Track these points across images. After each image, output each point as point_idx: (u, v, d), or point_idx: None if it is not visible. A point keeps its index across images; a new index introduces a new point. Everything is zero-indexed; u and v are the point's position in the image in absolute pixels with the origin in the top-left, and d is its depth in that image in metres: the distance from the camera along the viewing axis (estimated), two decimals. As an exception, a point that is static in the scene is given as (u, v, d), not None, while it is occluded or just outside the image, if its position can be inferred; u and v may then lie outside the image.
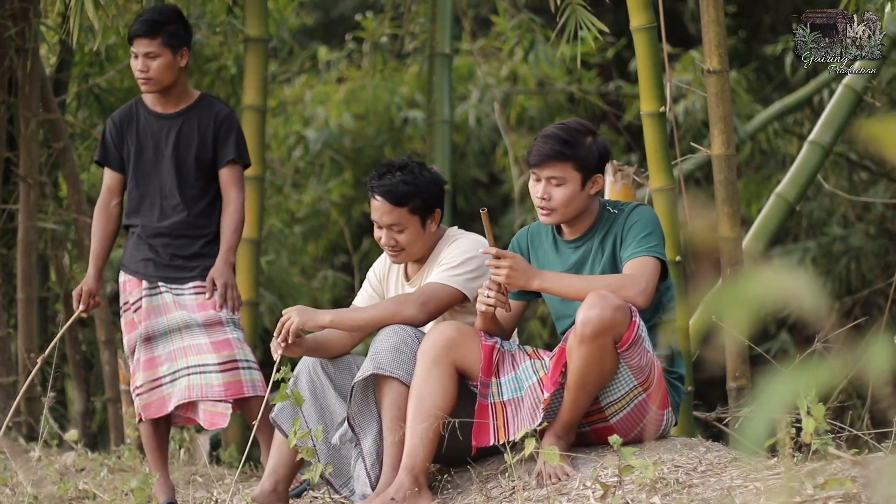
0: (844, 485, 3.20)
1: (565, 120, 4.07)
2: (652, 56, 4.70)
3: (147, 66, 4.59)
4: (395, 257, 4.21)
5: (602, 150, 3.94)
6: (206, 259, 4.65)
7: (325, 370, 4.22)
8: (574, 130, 3.92)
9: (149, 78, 4.61)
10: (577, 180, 3.90)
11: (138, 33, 4.59)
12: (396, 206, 4.12)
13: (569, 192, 3.91)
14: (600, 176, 3.94)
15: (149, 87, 4.63)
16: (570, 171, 3.90)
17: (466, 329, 3.97)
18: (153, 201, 4.68)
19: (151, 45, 4.58)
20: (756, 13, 10.91)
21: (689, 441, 4.06)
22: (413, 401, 3.90)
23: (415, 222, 4.14)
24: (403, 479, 3.84)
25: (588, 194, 3.94)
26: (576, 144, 3.90)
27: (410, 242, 4.16)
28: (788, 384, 1.21)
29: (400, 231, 4.14)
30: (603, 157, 3.95)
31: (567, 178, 3.90)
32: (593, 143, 3.93)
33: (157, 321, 4.61)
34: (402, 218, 4.13)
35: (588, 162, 3.90)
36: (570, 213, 3.94)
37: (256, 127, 5.54)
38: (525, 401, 3.91)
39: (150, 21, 4.60)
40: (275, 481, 4.22)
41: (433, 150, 6.16)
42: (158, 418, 4.62)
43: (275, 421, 4.21)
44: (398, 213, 4.12)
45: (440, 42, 6.16)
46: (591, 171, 3.91)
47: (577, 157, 3.90)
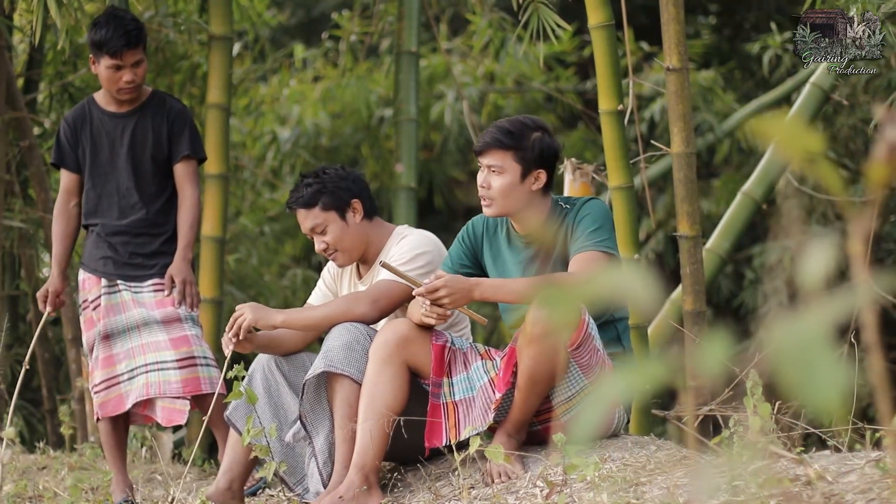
0: (783, 483, 3.20)
1: (519, 115, 4.07)
2: (610, 54, 4.70)
3: (135, 74, 4.61)
4: (336, 260, 4.24)
5: (546, 148, 3.92)
6: (166, 257, 4.65)
7: (279, 368, 4.23)
8: (522, 124, 3.93)
9: (137, 85, 4.64)
10: (517, 172, 3.89)
11: (128, 45, 4.57)
12: (308, 208, 4.19)
13: (506, 182, 3.90)
14: (543, 172, 3.92)
15: (133, 94, 4.65)
16: (509, 161, 3.90)
17: (418, 327, 3.96)
18: (111, 201, 4.67)
19: (137, 53, 4.61)
20: (739, 12, 10.90)
21: (640, 439, 4.06)
22: (364, 399, 3.90)
23: (333, 218, 4.19)
24: (353, 478, 3.84)
25: (529, 189, 3.92)
26: (519, 136, 3.90)
27: (338, 239, 4.19)
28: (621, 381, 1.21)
29: (322, 232, 4.19)
30: (546, 155, 3.92)
31: (506, 168, 3.90)
32: (539, 139, 3.92)
33: (115, 319, 4.61)
34: (318, 218, 4.19)
35: (528, 155, 3.89)
36: (510, 205, 3.93)
37: (221, 125, 5.53)
38: (477, 401, 3.91)
39: (135, 31, 4.60)
40: (230, 479, 4.22)
41: (399, 148, 6.15)
42: (117, 416, 4.62)
43: (229, 419, 4.21)
44: (312, 214, 4.19)
45: (407, 40, 6.15)
46: (531, 164, 3.90)
47: (518, 147, 3.89)
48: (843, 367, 1.15)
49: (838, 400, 1.16)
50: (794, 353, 1.17)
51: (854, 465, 3.33)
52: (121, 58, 4.58)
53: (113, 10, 4.73)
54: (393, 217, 6.08)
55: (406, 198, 6.11)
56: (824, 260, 1.26)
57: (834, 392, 1.15)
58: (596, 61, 4.73)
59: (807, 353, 1.17)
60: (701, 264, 4.79)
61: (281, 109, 8.11)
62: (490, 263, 4.07)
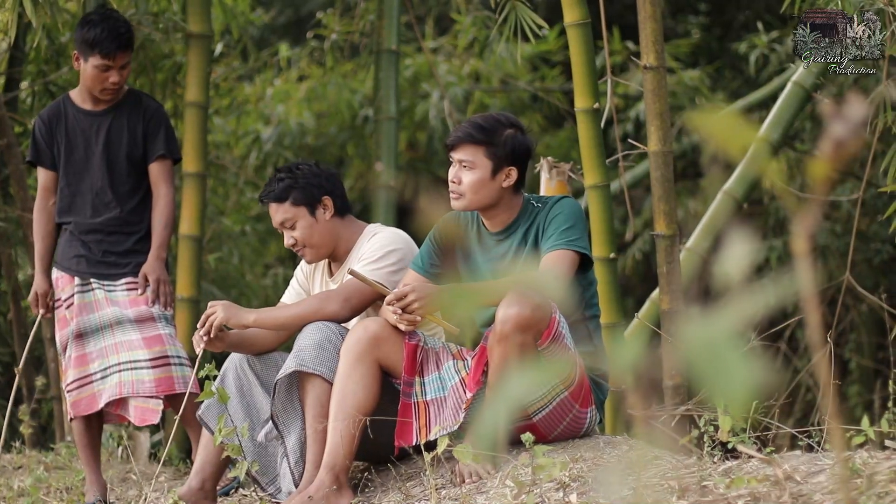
0: (750, 483, 3.18)
1: (499, 112, 4.06)
2: (586, 52, 4.68)
3: (122, 76, 4.62)
4: (305, 256, 4.22)
5: (518, 145, 3.91)
6: (139, 255, 4.63)
7: (252, 367, 4.21)
8: (495, 120, 3.91)
9: (121, 87, 4.65)
10: (488, 168, 3.88)
11: (120, 48, 4.58)
12: (279, 202, 4.18)
13: (476, 177, 3.88)
14: (514, 170, 3.91)
15: (116, 94, 4.64)
16: (480, 156, 3.88)
17: (390, 326, 3.94)
18: (85, 199, 4.66)
19: (127, 55, 4.62)
20: (729, 11, 10.88)
21: (612, 439, 4.04)
22: (335, 398, 3.88)
23: (303, 213, 4.18)
24: (324, 477, 3.82)
25: (499, 186, 3.90)
26: (491, 132, 3.88)
27: (307, 235, 4.18)
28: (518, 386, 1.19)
29: (292, 227, 4.19)
30: (518, 152, 3.91)
31: (477, 163, 3.88)
32: (511, 136, 3.90)
33: (88, 318, 4.59)
34: (288, 212, 4.18)
35: (500, 151, 3.88)
36: (479, 200, 3.91)
37: (199, 124, 5.51)
38: (448, 401, 3.89)
39: (125, 34, 4.61)
40: (202, 479, 4.20)
41: (379, 147, 6.14)
42: (90, 415, 4.60)
43: (202, 418, 4.20)
44: (283, 208, 4.18)
45: (387, 39, 6.14)
46: (502, 161, 3.89)
47: (490, 143, 3.87)
48: (751, 364, 1.14)
49: (746, 396, 1.14)
50: (704, 351, 1.15)
51: (824, 465, 3.31)
52: (112, 59, 4.58)
53: (105, 11, 4.73)
54: (372, 215, 6.07)
55: (385, 196, 6.10)
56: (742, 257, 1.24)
57: (742, 388, 1.13)
58: (572, 59, 4.72)
59: (716, 350, 1.16)
60: (678, 263, 4.77)
61: (265, 109, 8.09)
62: (461, 262, 4.05)
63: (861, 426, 3.42)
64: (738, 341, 1.16)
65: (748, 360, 1.13)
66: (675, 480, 3.52)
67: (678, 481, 3.49)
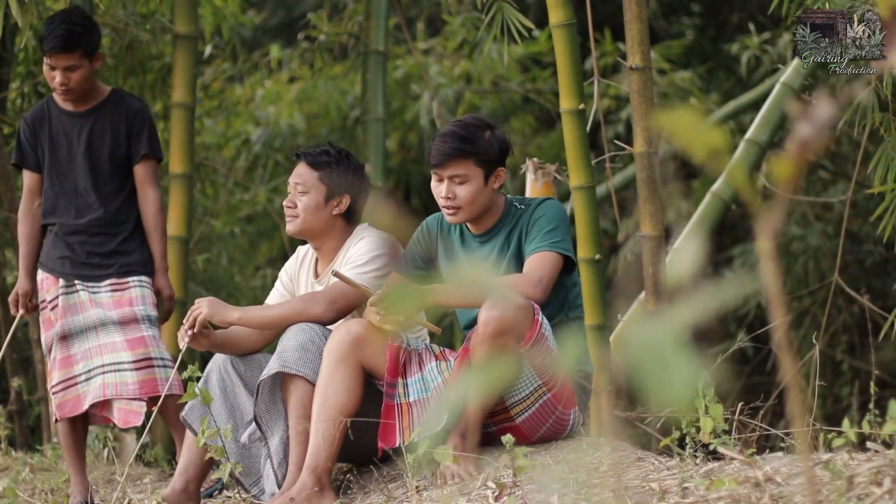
0: (730, 485, 3.18)
1: (462, 117, 4.05)
2: (571, 53, 4.67)
3: (68, 78, 4.57)
4: (288, 224, 4.23)
5: (501, 143, 3.92)
6: (123, 256, 4.62)
7: (235, 368, 4.21)
8: (471, 126, 3.91)
9: (70, 89, 4.60)
10: (480, 176, 3.89)
11: (56, 49, 4.52)
12: (311, 168, 4.22)
13: (472, 188, 3.89)
14: (503, 169, 3.93)
15: (70, 97, 4.62)
16: (471, 167, 3.89)
17: (373, 328, 3.94)
18: (69, 200, 4.65)
19: (72, 58, 4.55)
20: (723, 12, 10.87)
21: (595, 440, 4.03)
22: (318, 399, 3.88)
23: (319, 193, 4.20)
24: (306, 479, 3.82)
25: (492, 189, 3.92)
26: (475, 140, 3.88)
27: (308, 210, 4.20)
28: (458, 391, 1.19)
29: (303, 192, 4.20)
30: (503, 150, 3.93)
31: (470, 175, 3.89)
32: (492, 137, 3.91)
33: (73, 319, 4.58)
34: (310, 181, 4.21)
35: (489, 156, 3.89)
36: (476, 209, 3.92)
37: (185, 124, 5.51)
38: (431, 402, 3.89)
39: (70, 35, 4.52)
40: (185, 480, 4.20)
41: (367, 148, 6.14)
42: (75, 417, 4.59)
43: (185, 420, 4.19)
44: (308, 173, 4.21)
45: (374, 39, 6.13)
46: (492, 165, 3.90)
47: (478, 152, 3.87)
48: (693, 366, 1.13)
49: (686, 397, 1.13)
50: (647, 353, 1.15)
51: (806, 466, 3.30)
52: (52, 59, 4.55)
53: (70, 10, 4.69)
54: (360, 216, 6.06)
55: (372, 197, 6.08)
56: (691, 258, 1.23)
57: (683, 390, 1.13)
58: (557, 60, 4.71)
59: (658, 352, 1.15)
60: (664, 264, 4.76)
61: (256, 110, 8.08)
62: (444, 263, 4.05)
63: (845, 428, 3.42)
64: (681, 342, 1.16)
65: (689, 361, 1.12)
66: (657, 482, 3.52)
67: (659, 483, 3.49)
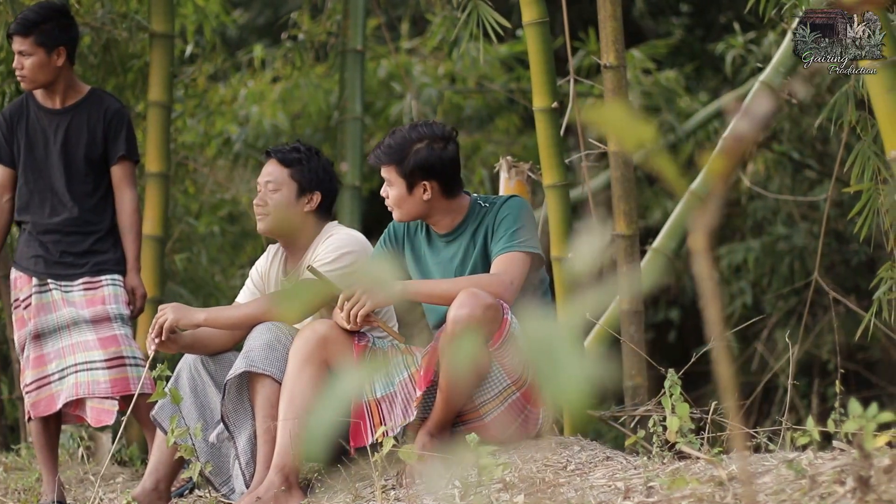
0: (692, 484, 3.17)
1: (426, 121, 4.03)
2: (544, 51, 4.66)
3: (21, 63, 4.58)
4: (259, 222, 4.22)
5: (425, 160, 3.88)
6: (97, 255, 4.61)
7: (205, 367, 4.21)
8: (404, 138, 3.92)
9: (23, 76, 4.61)
10: (403, 185, 3.91)
11: (11, 31, 4.59)
12: (282, 165, 4.21)
13: (396, 194, 3.93)
14: (430, 184, 3.90)
15: (24, 84, 4.64)
16: (394, 175, 3.93)
17: (340, 328, 3.93)
18: (43, 198, 4.64)
19: (24, 43, 4.56)
20: (711, 12, 10.87)
21: (564, 440, 4.03)
22: (284, 399, 3.87)
23: (290, 190, 4.19)
24: (273, 478, 3.82)
25: (420, 199, 3.91)
26: (399, 151, 3.90)
27: (277, 211, 4.19)
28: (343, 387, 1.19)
29: (273, 191, 4.19)
30: (426, 167, 3.89)
31: (393, 181, 3.94)
32: (418, 151, 3.89)
33: (46, 318, 4.57)
34: (280, 178, 4.20)
35: (406, 169, 3.89)
36: (408, 213, 3.95)
37: (162, 124, 5.49)
38: (397, 396, 3.89)
39: (23, 20, 4.58)
40: (156, 479, 4.20)
41: (344, 147, 6.13)
42: (48, 416, 4.58)
43: (155, 419, 4.19)
44: (279, 171, 4.20)
45: (352, 38, 6.13)
46: (414, 177, 3.89)
47: (398, 163, 3.90)
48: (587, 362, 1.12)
49: (580, 393, 1.12)
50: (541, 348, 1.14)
51: (771, 465, 3.30)
52: (11, 42, 4.60)
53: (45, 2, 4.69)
54: (337, 215, 6.06)
55: (350, 196, 6.09)
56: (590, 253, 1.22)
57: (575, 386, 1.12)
58: (530, 59, 4.70)
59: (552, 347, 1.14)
60: (638, 264, 4.75)
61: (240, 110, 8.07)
62: (412, 264, 4.05)
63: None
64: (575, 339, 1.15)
65: (582, 358, 1.11)
66: (623, 481, 3.51)
67: (625, 482, 3.48)
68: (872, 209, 4.73)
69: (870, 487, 2.78)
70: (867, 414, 2.89)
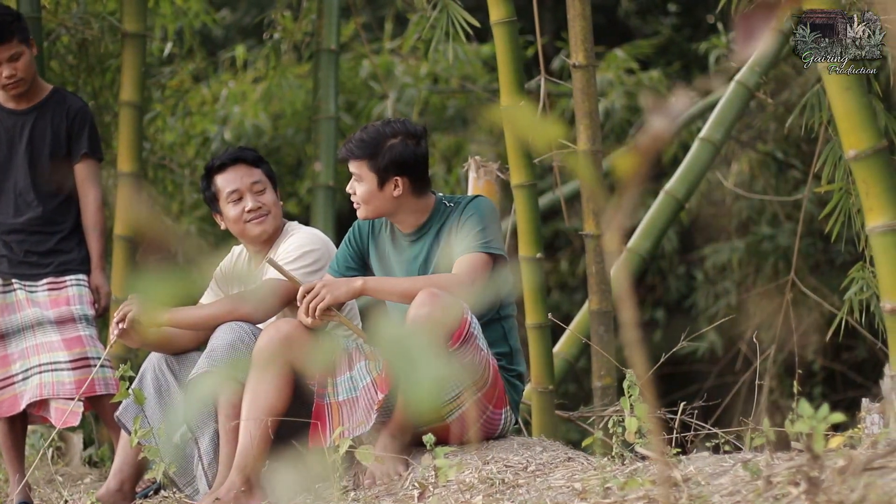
0: (644, 485, 3.16)
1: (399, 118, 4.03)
2: (512, 50, 4.64)
3: (15, 68, 4.54)
4: (262, 222, 4.20)
5: (399, 156, 3.88)
6: (61, 255, 4.60)
7: (170, 368, 4.20)
8: (377, 133, 3.91)
9: (20, 79, 4.57)
10: (373, 181, 3.89)
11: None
12: (254, 166, 4.23)
13: (365, 189, 3.91)
14: (401, 179, 3.88)
15: (19, 88, 4.58)
16: (365, 170, 3.90)
17: (303, 327, 3.92)
18: (8, 198, 4.63)
19: (10, 48, 4.52)
20: (698, 12, 10.86)
21: (526, 440, 4.01)
22: (247, 399, 3.86)
23: (270, 185, 4.24)
24: (234, 479, 3.81)
25: (390, 196, 3.90)
26: (372, 145, 3.89)
27: (276, 204, 4.23)
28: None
29: (261, 192, 4.20)
30: (399, 162, 3.88)
31: (363, 176, 3.91)
32: (392, 147, 3.88)
33: (10, 318, 4.56)
34: (260, 178, 4.22)
35: (381, 164, 3.87)
36: (375, 210, 3.93)
37: (134, 123, 5.48)
38: (360, 401, 3.87)
39: (2, 25, 4.51)
40: (120, 480, 4.19)
41: (318, 147, 6.12)
42: (13, 417, 4.57)
43: (119, 419, 4.18)
44: (257, 172, 4.22)
45: (326, 38, 6.12)
46: (386, 173, 3.88)
47: (371, 157, 3.89)
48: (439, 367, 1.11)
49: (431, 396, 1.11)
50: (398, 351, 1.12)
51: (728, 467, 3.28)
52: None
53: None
54: (311, 215, 6.06)
55: (324, 196, 6.08)
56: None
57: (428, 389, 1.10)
58: (498, 58, 4.69)
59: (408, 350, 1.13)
60: (604, 263, 4.74)
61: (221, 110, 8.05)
62: (376, 264, 4.04)
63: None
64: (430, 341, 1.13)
65: (434, 360, 1.10)
66: (581, 482, 3.50)
67: (583, 483, 3.47)
68: (844, 209, 4.72)
69: (819, 488, 2.77)
70: (818, 415, 2.88)
